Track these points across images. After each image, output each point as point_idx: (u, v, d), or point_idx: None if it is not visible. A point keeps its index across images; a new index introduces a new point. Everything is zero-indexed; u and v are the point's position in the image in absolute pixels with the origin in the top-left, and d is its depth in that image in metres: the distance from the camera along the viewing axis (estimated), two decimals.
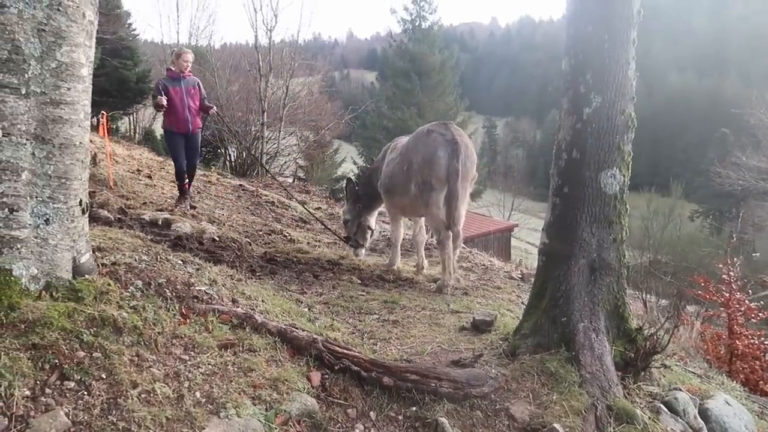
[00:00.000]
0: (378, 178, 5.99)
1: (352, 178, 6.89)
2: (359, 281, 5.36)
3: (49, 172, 2.53)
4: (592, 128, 3.38)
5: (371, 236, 6.76)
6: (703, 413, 3.38)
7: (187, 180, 7.64)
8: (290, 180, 21.74)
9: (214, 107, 7.96)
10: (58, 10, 2.46)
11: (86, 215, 2.83)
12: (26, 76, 2.40)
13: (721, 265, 7.72)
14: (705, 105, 60.00)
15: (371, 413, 2.73)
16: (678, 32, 72.84)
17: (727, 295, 7.19)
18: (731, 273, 7.32)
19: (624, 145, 3.42)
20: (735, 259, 7.73)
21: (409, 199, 5.42)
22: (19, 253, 2.45)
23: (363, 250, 6.63)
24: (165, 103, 6.86)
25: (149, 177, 9.70)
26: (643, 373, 3.41)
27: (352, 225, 6.55)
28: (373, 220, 6.64)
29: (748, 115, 25.84)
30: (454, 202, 5.02)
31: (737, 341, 6.63)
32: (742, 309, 7.03)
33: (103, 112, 8.87)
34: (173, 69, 7.22)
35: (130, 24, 26.78)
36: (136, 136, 26.51)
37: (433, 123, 5.55)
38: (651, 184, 44.49)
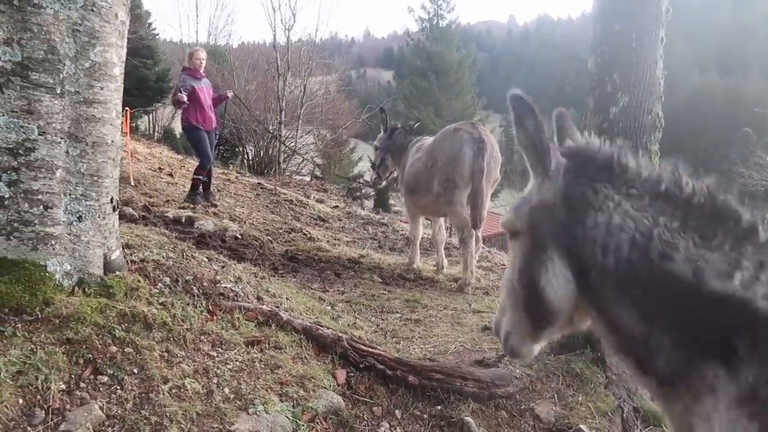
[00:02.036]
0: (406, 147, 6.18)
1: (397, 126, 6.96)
2: (380, 280, 5.37)
3: (82, 170, 2.58)
4: (619, 128, 3.34)
5: (390, 176, 7.08)
6: None
7: (205, 178, 7.79)
8: (308, 178, 21.85)
9: (228, 92, 8.22)
10: (92, 10, 2.50)
11: (117, 213, 2.88)
12: (61, 75, 2.44)
13: None
14: (727, 104, 59.09)
15: (396, 411, 2.74)
16: (700, 30, 71.79)
17: None
18: None
19: (651, 145, 3.38)
20: None
21: (432, 198, 5.42)
22: (53, 249, 2.50)
23: (382, 182, 7.10)
24: (186, 100, 7.02)
25: (170, 175, 9.81)
26: None
27: (379, 155, 6.72)
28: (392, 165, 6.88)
29: None
30: (479, 200, 5.01)
31: None
32: None
33: (127, 108, 8.98)
34: (190, 68, 7.39)
35: (150, 24, 27.10)
36: (156, 134, 26.83)
37: (461, 122, 5.57)
38: None
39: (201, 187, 7.74)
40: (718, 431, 1.10)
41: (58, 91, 2.44)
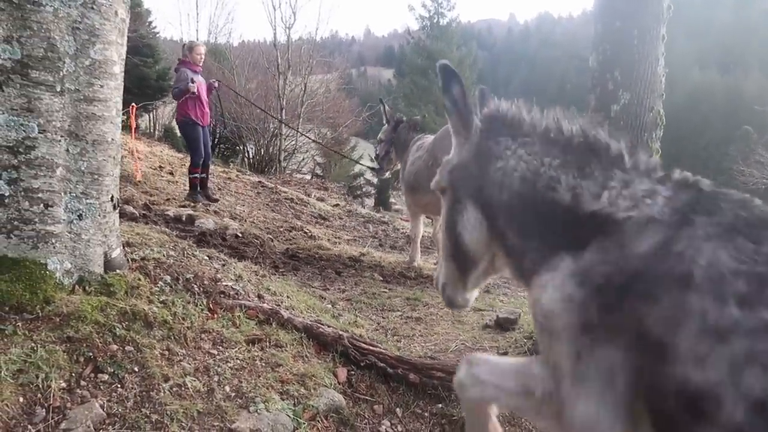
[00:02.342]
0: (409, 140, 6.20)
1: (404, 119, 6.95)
2: (381, 278, 5.37)
3: (83, 168, 2.57)
4: (620, 125, 3.33)
5: (393, 168, 7.08)
6: None
7: (203, 175, 7.85)
8: (308, 177, 21.84)
9: (214, 81, 8.21)
10: (92, 8, 2.50)
11: (117, 211, 2.88)
12: (61, 73, 2.44)
13: None
14: (727, 101, 58.97)
15: (397, 410, 2.74)
16: (701, 27, 71.69)
17: None
18: None
19: (652, 142, 3.37)
20: None
21: (432, 196, 5.40)
22: (54, 247, 2.50)
23: (384, 174, 7.12)
24: (194, 90, 7.04)
25: (171, 173, 9.81)
26: None
27: (383, 147, 6.73)
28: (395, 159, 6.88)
29: None
30: None
31: None
32: None
33: (132, 104, 8.96)
34: (190, 61, 7.40)
35: (150, 22, 27.05)
36: (156, 133, 26.81)
37: None
38: None
39: (199, 184, 7.77)
40: (550, 291, 1.42)
41: (58, 89, 2.44)
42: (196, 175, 7.78)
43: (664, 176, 1.49)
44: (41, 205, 2.45)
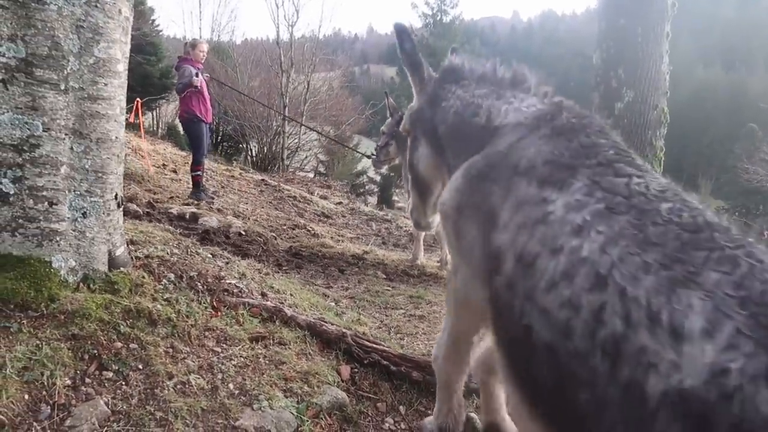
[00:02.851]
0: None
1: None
2: (384, 276, 5.38)
3: (87, 167, 2.58)
4: (624, 123, 3.34)
5: (390, 162, 7.19)
6: None
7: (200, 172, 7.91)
8: (311, 175, 21.84)
9: (205, 75, 8.23)
10: (96, 6, 2.50)
11: (121, 209, 2.88)
12: (65, 72, 2.44)
13: None
14: (732, 99, 58.72)
15: (401, 407, 2.74)
16: (705, 25, 71.39)
17: None
18: None
19: (656, 140, 3.37)
20: None
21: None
22: (58, 245, 2.51)
23: (382, 166, 7.27)
24: (198, 84, 7.08)
25: (174, 171, 9.83)
26: None
27: (384, 139, 6.78)
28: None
29: None
30: None
31: None
32: None
33: (138, 100, 8.96)
34: (192, 59, 7.43)
35: (153, 20, 27.08)
36: (160, 131, 26.85)
37: None
38: (677, 180, 43.64)
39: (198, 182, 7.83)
40: (448, 185, 1.84)
41: (63, 88, 2.44)
42: (199, 172, 7.82)
43: (545, 94, 1.88)
44: (46, 203, 2.45)
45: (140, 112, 8.64)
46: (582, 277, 1.17)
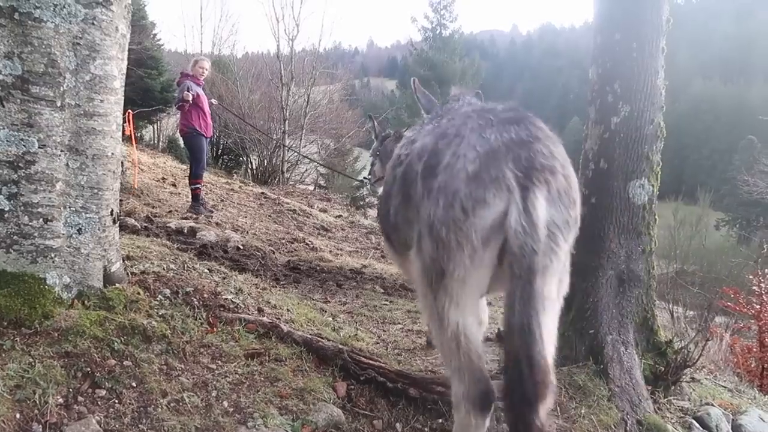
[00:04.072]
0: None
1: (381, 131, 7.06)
2: (382, 290, 5.36)
3: (82, 183, 2.58)
4: (620, 138, 3.33)
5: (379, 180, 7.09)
6: (737, 429, 3.29)
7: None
8: (311, 188, 21.86)
9: (213, 100, 8.46)
10: (93, 24, 2.52)
11: (117, 225, 2.88)
12: (61, 88, 2.45)
13: (751, 276, 7.54)
14: (731, 112, 58.91)
15: (397, 425, 2.71)
16: (703, 38, 71.81)
17: (758, 307, 7.01)
18: (762, 284, 7.15)
19: (653, 154, 3.36)
20: (766, 269, 7.54)
21: None
22: (53, 262, 2.50)
23: (376, 188, 7.12)
24: (191, 99, 7.16)
25: (174, 185, 9.84)
26: (673, 387, 3.34)
27: (371, 161, 6.78)
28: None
29: None
30: None
31: None
32: None
33: (129, 111, 8.99)
34: (193, 75, 7.56)
35: (155, 34, 27.26)
36: (160, 144, 26.93)
37: None
38: (677, 192, 43.79)
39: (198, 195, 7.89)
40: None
41: (59, 104, 2.45)
42: (199, 185, 7.90)
43: (463, 101, 2.79)
44: (41, 220, 2.45)
45: (131, 123, 8.67)
46: (408, 156, 2.25)
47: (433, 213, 1.88)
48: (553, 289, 1.92)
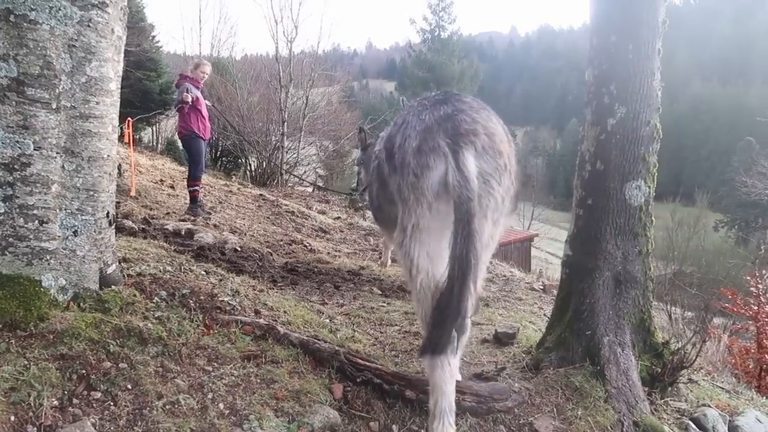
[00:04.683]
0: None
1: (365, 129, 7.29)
2: (380, 292, 5.35)
3: (78, 185, 2.58)
4: (617, 139, 3.34)
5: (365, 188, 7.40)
6: (733, 430, 3.29)
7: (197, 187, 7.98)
8: (310, 190, 21.85)
9: (209, 102, 8.52)
10: (89, 26, 2.52)
11: (113, 227, 2.88)
12: (57, 90, 2.45)
13: (749, 277, 7.55)
14: (729, 113, 58.99)
15: (394, 427, 2.71)
16: (701, 39, 71.93)
17: (756, 308, 7.01)
18: (760, 285, 7.15)
19: (649, 156, 3.37)
20: (764, 270, 7.55)
21: None
22: (49, 264, 2.50)
23: (356, 193, 7.78)
24: (190, 100, 7.19)
25: (172, 187, 9.83)
26: (670, 389, 3.34)
27: (359, 171, 7.12)
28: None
29: None
30: None
31: (766, 355, 6.47)
32: None
33: (129, 119, 9.00)
34: (193, 77, 7.59)
35: (153, 36, 27.27)
36: (159, 146, 26.92)
37: None
38: (675, 193, 43.85)
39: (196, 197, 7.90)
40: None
41: (54, 106, 2.45)
42: (197, 188, 7.88)
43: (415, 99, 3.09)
44: (36, 222, 2.45)
45: (131, 131, 8.68)
46: (377, 151, 2.97)
47: (398, 182, 2.55)
48: (487, 228, 2.51)
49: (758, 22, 70.25)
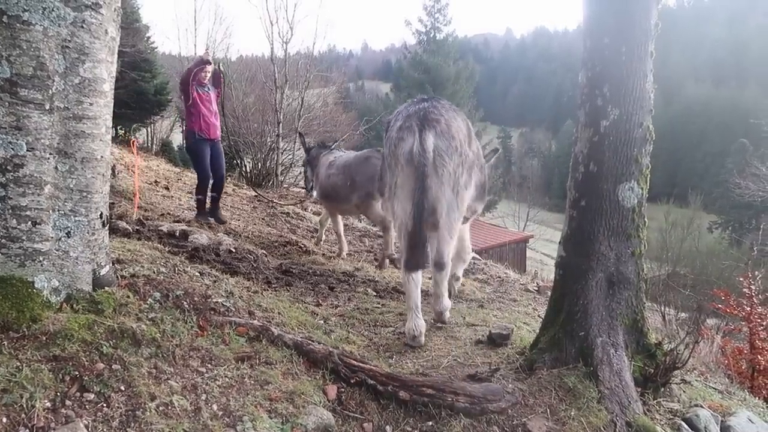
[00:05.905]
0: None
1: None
2: (375, 293, 5.35)
3: (71, 186, 2.57)
4: (610, 141, 3.35)
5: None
6: (725, 431, 3.31)
7: (214, 194, 7.52)
8: (305, 191, 21.81)
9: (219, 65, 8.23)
10: (82, 27, 2.52)
11: (106, 228, 2.87)
12: (50, 91, 2.45)
13: (741, 278, 7.59)
14: (723, 115, 59.28)
15: (387, 428, 2.72)
16: (695, 42, 72.29)
17: (749, 309, 7.05)
18: (752, 286, 7.19)
19: (642, 157, 3.39)
20: (756, 272, 7.59)
21: (347, 204, 6.76)
22: (41, 265, 2.49)
23: (308, 192, 8.35)
24: (191, 100, 7.09)
25: (166, 188, 9.81)
26: (662, 389, 3.35)
27: (306, 170, 8.00)
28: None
29: (767, 125, 25.43)
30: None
31: (759, 356, 6.50)
32: (764, 323, 6.89)
33: (133, 140, 8.79)
34: (195, 77, 7.32)
35: (148, 37, 27.19)
36: (154, 147, 26.86)
37: (369, 150, 6.76)
38: (669, 195, 44.00)
39: (208, 203, 7.49)
40: None
41: (47, 107, 2.45)
42: (201, 197, 7.41)
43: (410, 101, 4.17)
44: (29, 223, 2.45)
45: (135, 151, 8.50)
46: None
47: (388, 150, 3.99)
48: (446, 191, 3.78)
49: (752, 26, 70.68)
